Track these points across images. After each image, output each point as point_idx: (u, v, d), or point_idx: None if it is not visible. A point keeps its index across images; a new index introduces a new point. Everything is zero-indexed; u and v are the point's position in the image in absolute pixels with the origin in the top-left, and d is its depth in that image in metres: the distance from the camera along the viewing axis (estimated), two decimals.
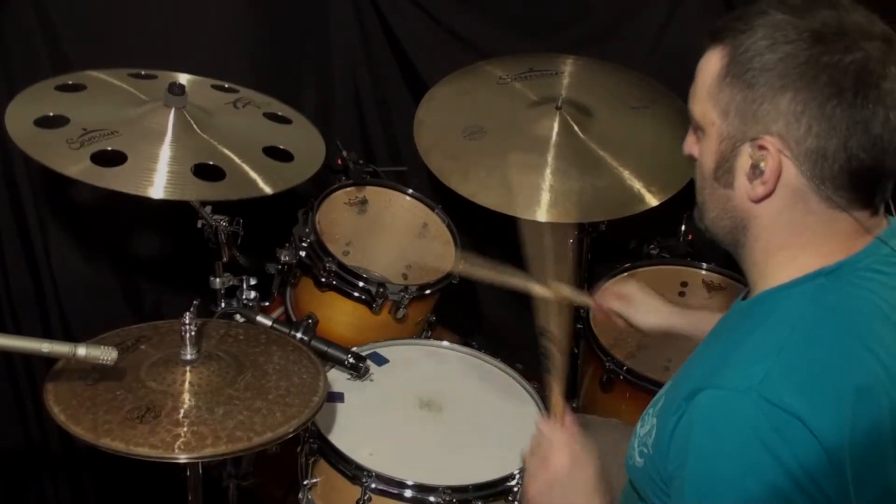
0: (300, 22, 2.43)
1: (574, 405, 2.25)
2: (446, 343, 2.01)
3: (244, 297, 1.92)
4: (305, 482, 1.67)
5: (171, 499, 1.76)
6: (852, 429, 0.99)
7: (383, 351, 1.94)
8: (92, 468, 2.33)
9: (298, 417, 1.45)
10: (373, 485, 1.58)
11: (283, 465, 1.77)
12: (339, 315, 2.02)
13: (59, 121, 1.71)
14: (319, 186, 2.11)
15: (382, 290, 1.97)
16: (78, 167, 1.60)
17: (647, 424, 1.19)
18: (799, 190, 1.08)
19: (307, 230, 2.03)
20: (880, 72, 1.03)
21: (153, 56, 2.04)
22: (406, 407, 1.80)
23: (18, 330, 2.17)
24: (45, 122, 1.70)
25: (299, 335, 1.79)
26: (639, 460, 1.20)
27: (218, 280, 1.89)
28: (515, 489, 1.61)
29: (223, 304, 1.90)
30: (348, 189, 2.22)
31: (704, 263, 2.25)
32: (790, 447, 0.98)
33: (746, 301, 1.18)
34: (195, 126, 1.76)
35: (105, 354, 1.33)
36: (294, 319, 2.08)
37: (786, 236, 1.11)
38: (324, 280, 1.98)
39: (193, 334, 1.49)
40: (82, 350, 1.32)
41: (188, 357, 1.49)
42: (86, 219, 2.28)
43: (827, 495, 0.98)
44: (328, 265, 1.97)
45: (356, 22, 2.50)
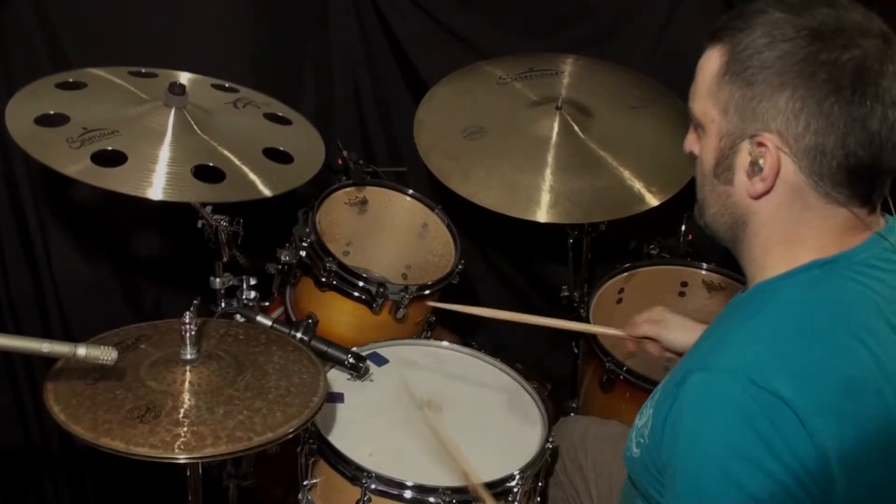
0: (300, 22, 2.43)
1: (574, 405, 2.25)
2: (446, 343, 2.01)
3: (244, 297, 1.91)
4: (305, 482, 1.67)
5: (171, 499, 1.76)
6: (840, 419, 1.00)
7: (383, 351, 1.94)
8: (92, 468, 2.33)
9: (298, 417, 1.44)
10: (372, 485, 1.57)
11: (283, 466, 1.76)
12: (339, 315, 2.02)
13: (60, 119, 1.70)
14: (319, 186, 2.10)
15: (382, 290, 1.97)
16: (78, 167, 1.60)
17: (645, 416, 1.19)
18: (797, 186, 1.08)
19: (307, 230, 2.03)
20: (878, 69, 1.04)
21: (153, 56, 2.04)
22: (406, 407, 1.79)
23: (18, 330, 2.18)
24: (46, 121, 1.69)
25: (299, 335, 1.79)
26: (636, 451, 1.20)
27: (218, 280, 1.89)
28: (515, 489, 1.61)
29: (223, 304, 1.90)
30: (348, 189, 2.21)
31: (704, 263, 2.26)
32: (777, 429, 0.98)
33: (745, 292, 1.19)
34: (195, 126, 1.76)
35: (105, 354, 1.32)
36: (294, 319, 2.08)
37: (784, 232, 1.12)
38: (324, 280, 1.98)
39: (193, 334, 1.48)
40: (82, 350, 1.32)
41: (188, 357, 1.49)
42: (86, 218, 2.28)
43: (816, 482, 0.99)
44: (328, 265, 1.97)
45: (356, 22, 2.50)
